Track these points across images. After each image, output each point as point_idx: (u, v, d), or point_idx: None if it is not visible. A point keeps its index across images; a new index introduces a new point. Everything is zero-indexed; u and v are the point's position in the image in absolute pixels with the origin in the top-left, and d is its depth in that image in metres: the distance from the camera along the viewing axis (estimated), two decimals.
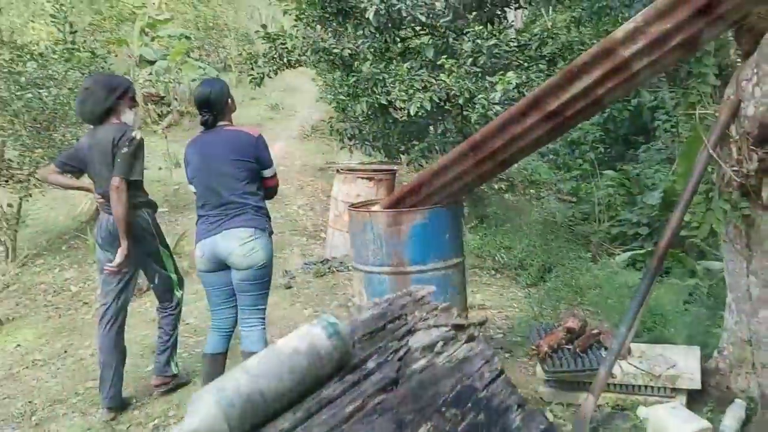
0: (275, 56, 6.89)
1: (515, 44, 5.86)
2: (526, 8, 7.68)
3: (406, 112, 5.81)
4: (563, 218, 8.78)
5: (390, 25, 6.34)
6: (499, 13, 6.91)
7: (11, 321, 6.13)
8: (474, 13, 6.63)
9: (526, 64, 5.96)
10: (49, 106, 6.86)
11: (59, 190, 9.46)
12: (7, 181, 7.27)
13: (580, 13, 10.87)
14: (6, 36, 12.55)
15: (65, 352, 5.24)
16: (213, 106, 3.54)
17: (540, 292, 5.65)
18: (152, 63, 15.24)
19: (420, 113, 5.73)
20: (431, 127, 6.98)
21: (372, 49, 6.29)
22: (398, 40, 6.61)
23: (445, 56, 5.87)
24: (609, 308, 5.16)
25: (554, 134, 3.49)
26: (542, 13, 12.45)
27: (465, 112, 6.05)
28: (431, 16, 6.07)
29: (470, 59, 5.71)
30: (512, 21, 7.02)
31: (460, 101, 5.58)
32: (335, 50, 6.28)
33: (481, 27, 5.72)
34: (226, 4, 20.56)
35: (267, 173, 3.65)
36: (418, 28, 6.42)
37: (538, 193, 9.90)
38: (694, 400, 3.46)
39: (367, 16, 5.90)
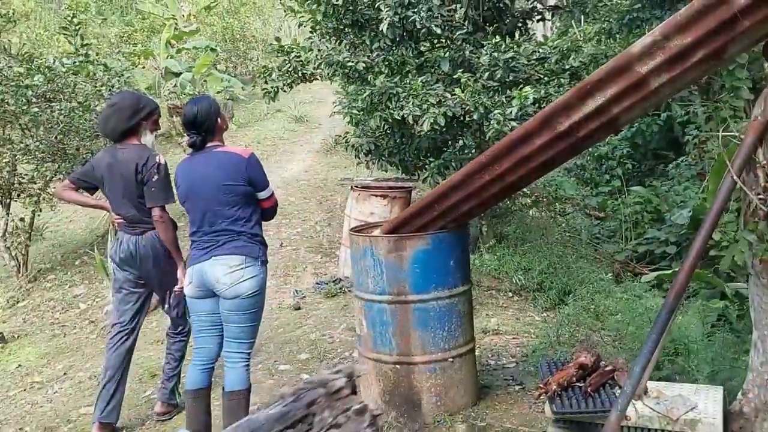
0: (289, 69, 6.74)
1: (535, 57, 5.61)
2: (549, 20, 7.43)
3: (421, 127, 5.60)
4: (588, 236, 8.49)
5: (407, 37, 6.15)
6: (521, 25, 6.67)
7: (16, 339, 6.04)
8: (495, 25, 6.42)
9: (546, 79, 5.70)
10: (62, 120, 6.80)
11: None
12: (19, 195, 7.22)
13: (611, 25, 10.63)
14: (32, 48, 12.66)
15: (64, 374, 5.11)
16: (200, 126, 3.33)
17: (558, 316, 5.37)
18: (178, 75, 15.27)
19: (435, 129, 5.52)
20: (450, 143, 6.75)
21: (387, 62, 6.09)
22: (415, 53, 6.41)
23: (461, 70, 5.65)
24: (630, 336, 4.88)
25: (567, 155, 3.25)
26: (572, 25, 12.19)
27: (484, 128, 5.82)
28: (447, 28, 5.85)
29: (487, 73, 5.48)
30: (533, 33, 6.78)
31: (475, 117, 5.35)
32: (349, 63, 6.10)
33: (499, 39, 5.49)
34: (255, 16, 20.62)
35: (262, 195, 3.43)
36: (435, 41, 6.21)
37: (563, 210, 9.59)
38: None
39: (381, 29, 5.70)
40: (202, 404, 3.46)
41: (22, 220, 7.55)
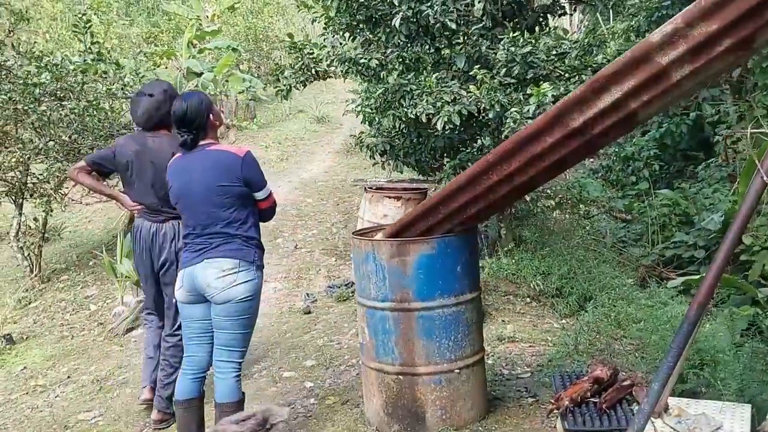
0: (302, 67, 6.57)
1: (554, 52, 5.37)
2: (570, 14, 7.18)
3: (435, 126, 5.39)
4: (613, 239, 8.22)
5: (422, 33, 5.96)
6: (542, 20, 6.42)
7: (25, 340, 5.96)
8: (515, 20, 6.19)
9: (567, 75, 5.46)
10: (74, 119, 6.71)
11: (99, 203, 9.43)
12: (31, 195, 7.16)
13: (639, 23, 10.34)
14: (54, 48, 12.68)
15: (68, 377, 5.00)
16: (191, 124, 3.15)
17: (578, 323, 5.13)
18: (199, 75, 15.27)
19: (450, 128, 5.31)
20: (467, 143, 6.53)
21: (401, 59, 5.89)
22: (432, 50, 6.21)
23: (477, 66, 5.43)
24: (653, 346, 4.63)
25: (581, 154, 3.03)
26: (600, 23, 11.90)
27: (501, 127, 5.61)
28: (463, 23, 5.63)
29: (504, 69, 5.25)
30: (556, 28, 6.52)
31: (491, 115, 5.13)
32: (362, 60, 5.92)
33: (517, 33, 5.26)
34: (278, 16, 20.59)
35: (259, 195, 3.24)
36: (451, 37, 6.00)
37: (587, 212, 9.33)
38: None
39: (393, 24, 5.52)
40: (194, 415, 3.28)
41: (35, 220, 7.50)
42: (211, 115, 3.23)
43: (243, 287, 3.12)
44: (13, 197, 7.12)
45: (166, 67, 16.27)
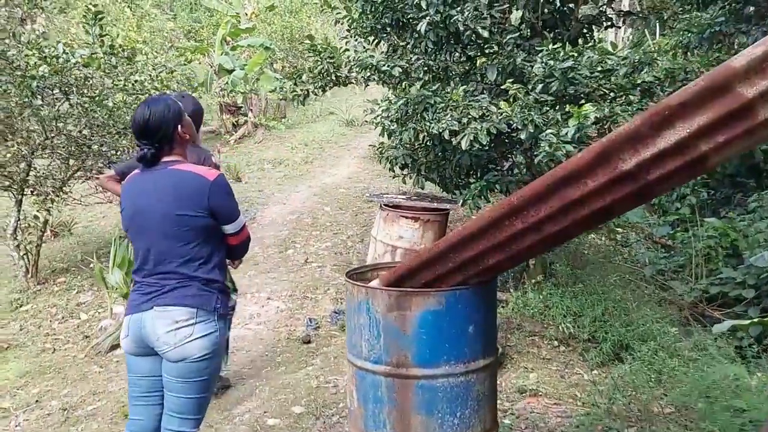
0: (321, 71, 6.04)
1: (600, 69, 4.74)
2: (619, 27, 6.53)
3: (459, 143, 4.79)
4: (653, 271, 7.54)
5: (452, 41, 5.38)
6: (586, 32, 5.79)
7: (4, 350, 5.50)
8: (556, 30, 5.59)
9: (612, 95, 4.84)
10: (81, 114, 6.27)
11: (104, 203, 9.04)
12: (32, 192, 6.73)
13: (689, 38, 9.64)
14: (85, 39, 12.35)
15: (36, 401, 4.51)
16: (153, 135, 2.59)
17: (611, 379, 4.50)
18: (230, 72, 14.95)
19: (475, 147, 4.73)
20: (497, 161, 5.93)
21: (426, 67, 5.32)
22: (463, 58, 5.63)
23: (511, 80, 4.83)
24: (699, 413, 4.00)
25: (631, 203, 2.42)
26: (646, 36, 11.20)
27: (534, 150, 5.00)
28: (497, 31, 5.03)
29: (541, 84, 4.64)
30: (599, 42, 5.90)
31: (523, 136, 4.52)
32: (384, 68, 5.36)
33: (557, 45, 4.65)
34: (316, 17, 20.24)
35: (229, 229, 2.69)
36: (484, 46, 5.41)
37: (625, 239, 8.67)
38: None
39: (419, 29, 4.95)
40: None
41: (36, 218, 7.09)
42: (179, 127, 2.66)
43: (200, 343, 2.56)
44: (14, 193, 6.71)
45: (200, 62, 15.95)
